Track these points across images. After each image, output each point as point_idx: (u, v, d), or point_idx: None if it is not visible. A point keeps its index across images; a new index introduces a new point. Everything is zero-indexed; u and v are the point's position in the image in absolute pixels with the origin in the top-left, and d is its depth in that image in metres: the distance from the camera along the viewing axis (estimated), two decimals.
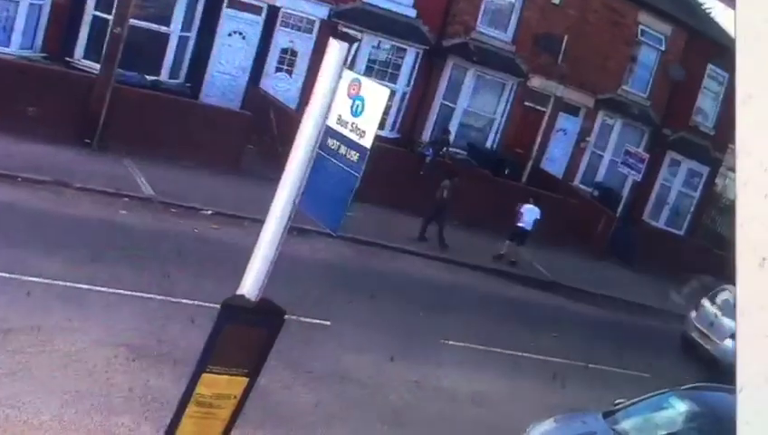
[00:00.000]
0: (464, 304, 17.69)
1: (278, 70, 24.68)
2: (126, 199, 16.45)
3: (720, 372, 15.92)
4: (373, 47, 25.19)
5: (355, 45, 5.38)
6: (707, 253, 27.33)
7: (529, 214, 21.66)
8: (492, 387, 13.85)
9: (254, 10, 23.78)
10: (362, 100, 4.96)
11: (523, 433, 10.55)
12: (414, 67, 25.94)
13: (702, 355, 18.93)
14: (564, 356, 16.12)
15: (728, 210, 32.06)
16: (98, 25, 20.91)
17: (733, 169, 25.42)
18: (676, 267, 25.31)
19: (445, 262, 19.98)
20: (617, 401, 11.28)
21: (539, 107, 28.63)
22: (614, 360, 16.97)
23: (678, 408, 11.07)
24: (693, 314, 20.29)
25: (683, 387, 11.53)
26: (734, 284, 2.26)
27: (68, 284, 11.94)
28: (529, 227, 21.68)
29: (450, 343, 14.99)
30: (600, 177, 30.24)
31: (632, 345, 18.80)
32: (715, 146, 31.04)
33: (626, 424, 10.62)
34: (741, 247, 2.21)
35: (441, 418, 12.29)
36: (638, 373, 16.47)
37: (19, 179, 15.45)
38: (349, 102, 5.01)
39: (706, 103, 31.22)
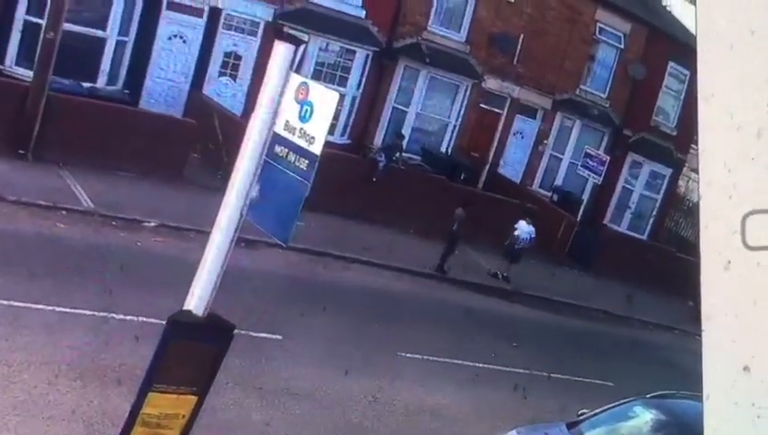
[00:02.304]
0: (421, 315, 17.54)
1: (221, 74, 24.15)
2: (64, 212, 15.95)
3: None
4: (321, 49, 24.72)
5: (302, 47, 5.33)
6: (671, 257, 27.20)
7: (524, 232, 21.72)
8: (452, 400, 13.72)
9: (196, 12, 23.13)
10: (310, 104, 4.91)
11: None
12: (364, 69, 25.55)
13: None
14: (525, 366, 16.02)
15: (692, 212, 32.14)
16: (30, 30, 20.12)
17: (696, 171, 25.09)
18: (640, 273, 25.15)
19: (399, 271, 19.72)
20: (581, 412, 11.21)
21: (495, 109, 28.37)
22: (577, 369, 16.93)
23: (644, 417, 11.04)
24: None
25: (649, 395, 11.46)
26: None
27: (4, 302, 11.49)
28: (524, 245, 21.80)
29: (407, 355, 14.78)
30: (559, 180, 29.94)
31: (595, 353, 18.93)
32: (678, 147, 30.90)
33: None
34: (705, 250, 2.20)
35: (400, 433, 12.13)
36: (601, 382, 16.52)
37: None
38: (296, 107, 4.97)
39: (668, 103, 31.16)
